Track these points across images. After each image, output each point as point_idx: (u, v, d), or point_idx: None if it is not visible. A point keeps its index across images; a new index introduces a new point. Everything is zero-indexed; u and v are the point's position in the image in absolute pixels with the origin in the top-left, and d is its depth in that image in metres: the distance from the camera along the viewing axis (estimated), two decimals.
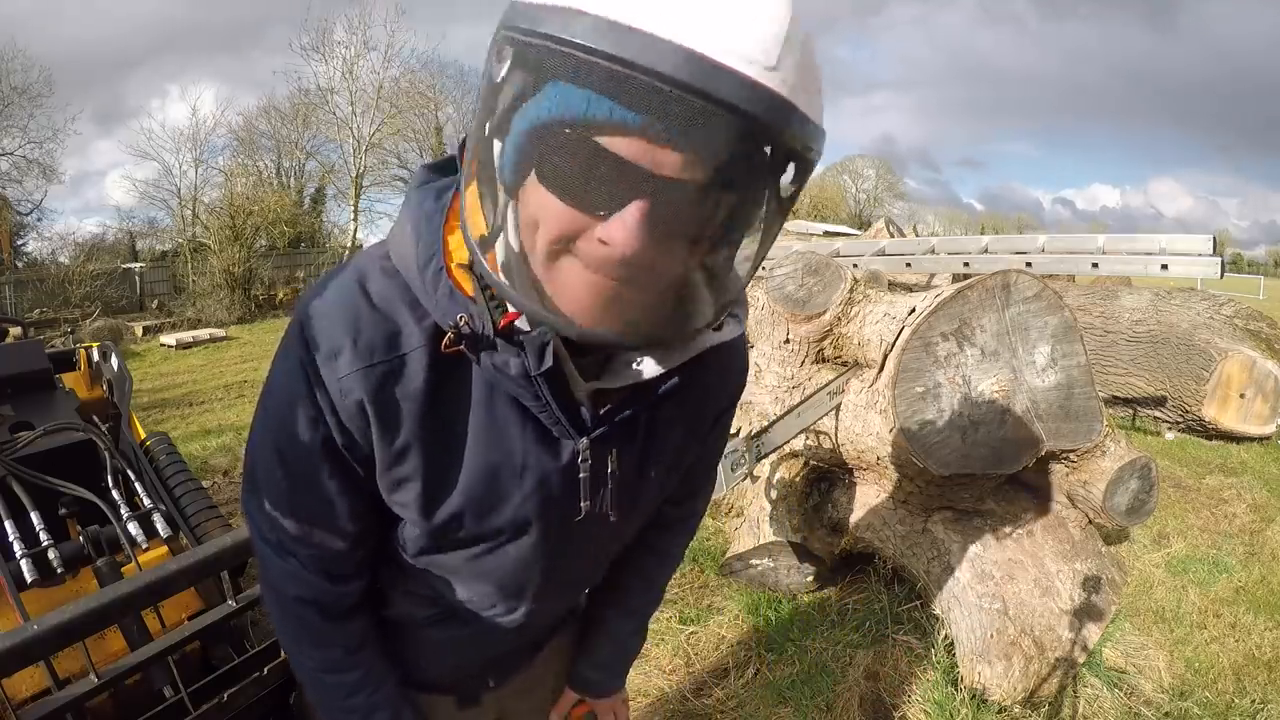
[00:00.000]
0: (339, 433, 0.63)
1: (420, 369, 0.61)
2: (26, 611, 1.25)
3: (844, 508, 2.45)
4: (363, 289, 0.61)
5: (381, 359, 0.60)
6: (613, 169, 0.44)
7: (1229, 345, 4.06)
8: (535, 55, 0.43)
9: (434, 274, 0.58)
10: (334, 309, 0.61)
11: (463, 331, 0.56)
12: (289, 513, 0.67)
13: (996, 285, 2.03)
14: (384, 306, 0.60)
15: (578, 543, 0.74)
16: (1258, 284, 23.70)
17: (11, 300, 13.32)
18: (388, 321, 0.60)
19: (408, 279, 0.60)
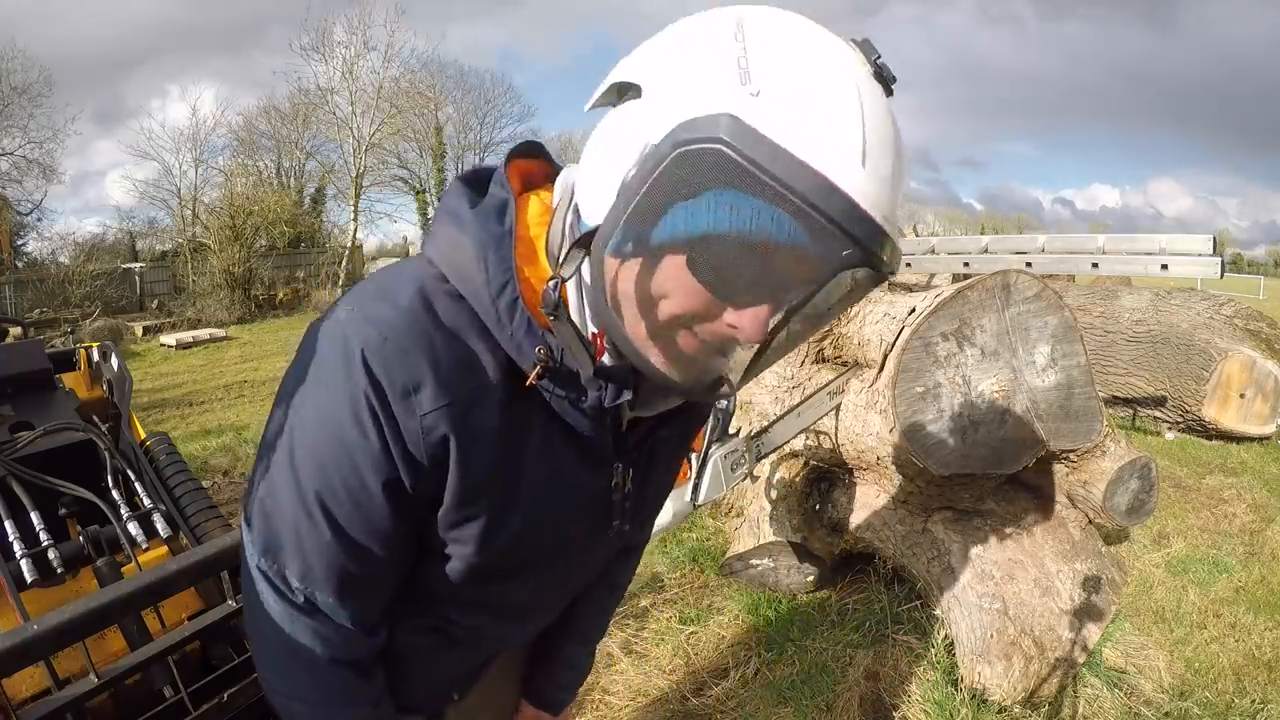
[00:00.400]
0: (409, 473, 0.57)
1: (495, 401, 0.58)
2: (26, 611, 1.25)
3: (844, 508, 2.45)
4: (433, 313, 0.56)
5: (465, 392, 0.56)
6: (764, 276, 0.49)
7: (1229, 345, 4.06)
8: (741, 175, 0.44)
9: (509, 304, 0.56)
10: (405, 336, 0.55)
11: (547, 365, 0.56)
12: (332, 568, 0.60)
13: (996, 285, 2.03)
14: (459, 334, 0.57)
15: (590, 561, 0.79)
16: (1258, 284, 23.69)
17: (11, 300, 13.33)
18: (464, 350, 0.57)
19: (475, 306, 0.57)
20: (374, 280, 0.61)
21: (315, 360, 0.58)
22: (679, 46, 0.50)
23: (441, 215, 0.61)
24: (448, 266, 0.58)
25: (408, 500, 0.59)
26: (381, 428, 0.55)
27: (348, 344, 0.55)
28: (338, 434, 0.56)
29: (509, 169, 0.62)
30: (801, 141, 0.44)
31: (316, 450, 0.57)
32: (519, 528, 0.65)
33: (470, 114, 24.44)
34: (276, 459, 0.59)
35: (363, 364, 0.54)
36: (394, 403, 0.55)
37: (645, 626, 2.33)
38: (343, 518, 0.58)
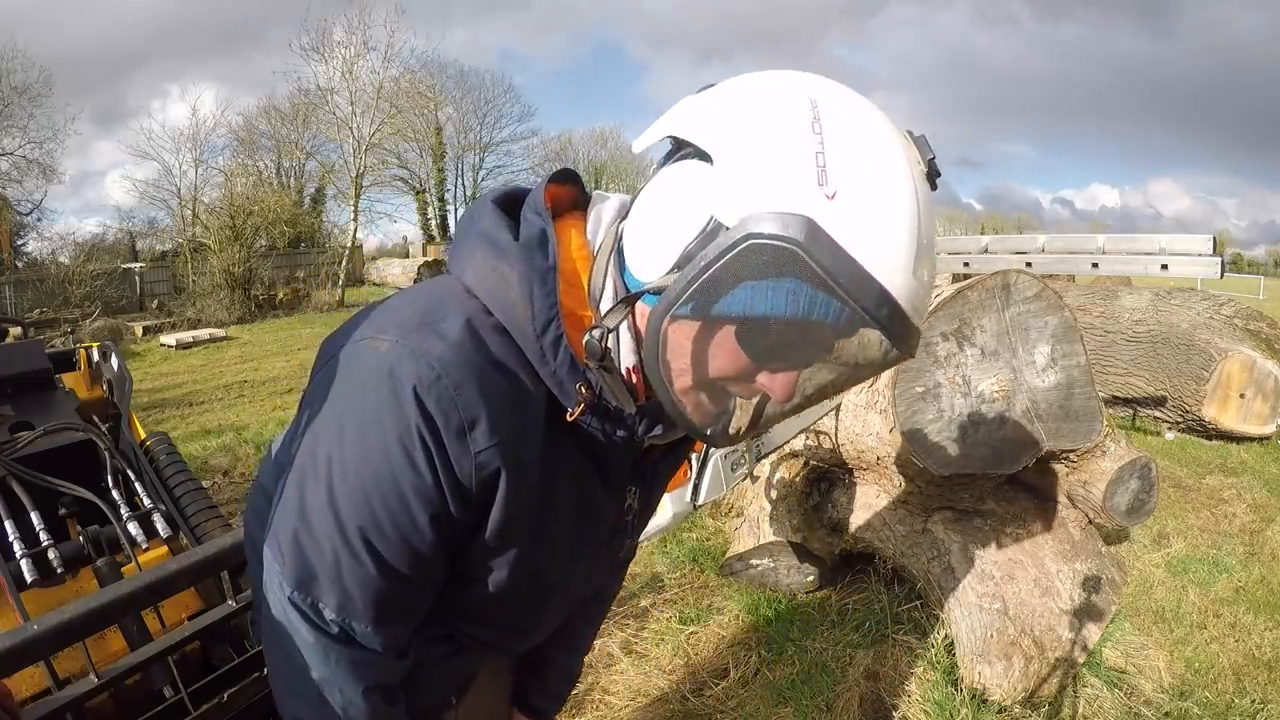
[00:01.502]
0: (458, 505, 0.58)
1: (538, 433, 0.60)
2: (26, 611, 1.25)
3: (844, 508, 2.45)
4: (483, 348, 0.57)
5: (515, 427, 0.58)
6: (806, 352, 0.53)
7: (1229, 345, 4.06)
8: (810, 276, 0.48)
9: (553, 341, 0.57)
10: (458, 372, 0.55)
11: (586, 402, 0.58)
12: (372, 598, 0.60)
13: (996, 285, 2.03)
14: (509, 369, 0.57)
15: (595, 578, 0.84)
16: (1258, 284, 23.69)
17: (11, 300, 13.32)
18: (513, 385, 0.58)
19: (520, 341, 0.57)
20: (409, 305, 0.60)
21: (355, 391, 0.57)
22: (755, 124, 0.50)
23: (477, 241, 0.61)
24: (491, 299, 0.58)
25: (452, 530, 0.60)
26: (434, 463, 0.55)
27: (396, 378, 0.54)
28: (386, 470, 0.55)
29: (546, 194, 0.62)
30: (867, 251, 0.48)
31: (362, 486, 0.56)
32: (550, 552, 0.68)
33: (470, 114, 24.48)
34: (311, 493, 0.58)
35: (415, 400, 0.54)
36: (449, 440, 0.55)
37: (645, 626, 2.33)
38: (387, 551, 0.58)
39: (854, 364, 0.53)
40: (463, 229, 0.64)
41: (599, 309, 0.59)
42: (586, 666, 2.12)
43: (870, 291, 0.48)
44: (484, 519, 0.61)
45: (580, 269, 0.60)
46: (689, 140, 0.52)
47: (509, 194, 0.64)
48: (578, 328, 0.58)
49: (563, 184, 0.66)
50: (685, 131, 0.53)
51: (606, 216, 0.63)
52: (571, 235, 0.62)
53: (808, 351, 0.53)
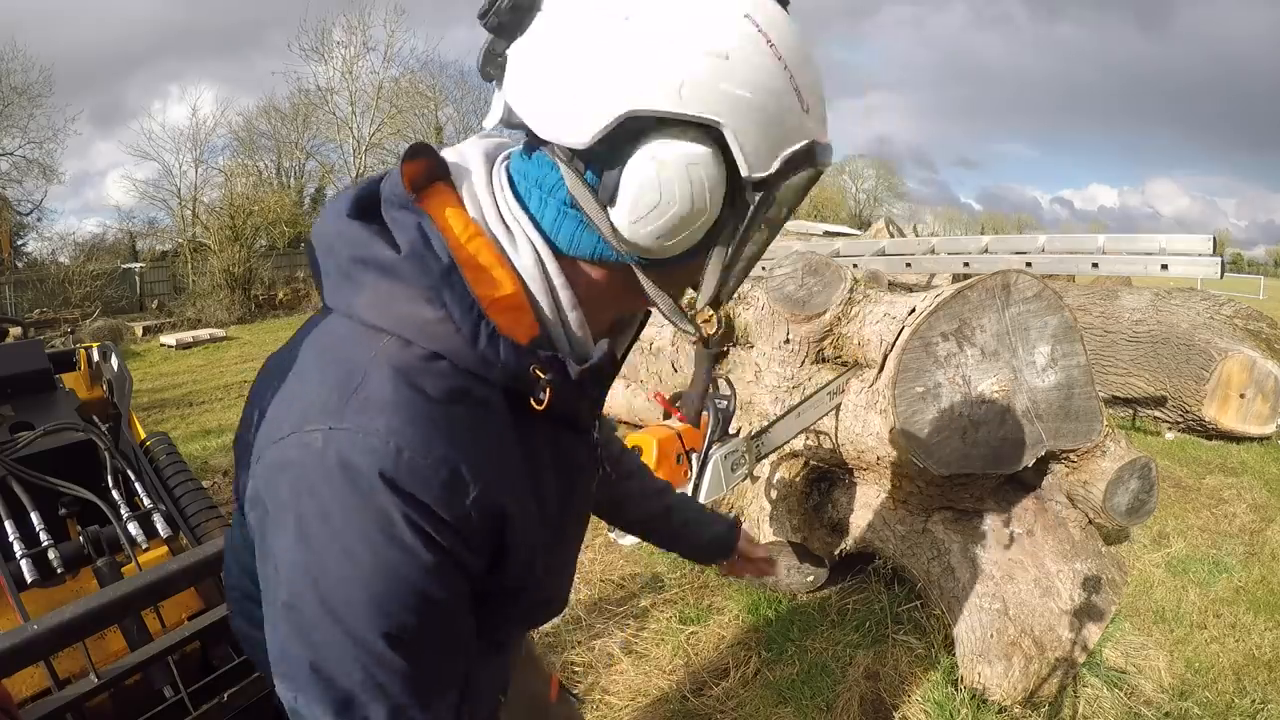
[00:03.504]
0: (476, 560, 0.55)
1: (511, 440, 0.57)
2: (26, 611, 1.25)
3: (844, 508, 2.45)
4: (423, 393, 0.52)
5: (493, 450, 0.55)
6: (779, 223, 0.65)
7: (1229, 345, 4.05)
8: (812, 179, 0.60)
9: (489, 340, 0.54)
10: (416, 435, 0.50)
11: (550, 380, 0.56)
12: (424, 688, 0.54)
13: (996, 285, 2.03)
14: (459, 398, 0.54)
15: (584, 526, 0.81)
16: (1258, 284, 23.70)
17: (11, 300, 13.32)
18: (470, 411, 0.54)
19: (455, 359, 0.54)
20: (319, 379, 0.54)
21: (310, 501, 0.50)
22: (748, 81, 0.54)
23: (355, 268, 0.55)
24: (404, 328, 0.53)
25: (472, 588, 0.57)
26: (433, 539, 0.51)
27: (352, 472, 0.49)
28: (384, 569, 0.50)
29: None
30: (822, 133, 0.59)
31: (369, 598, 0.50)
32: (559, 535, 0.67)
33: (470, 114, 24.40)
34: (313, 627, 0.51)
35: (386, 487, 0.49)
36: (439, 507, 0.51)
37: (645, 626, 2.33)
38: (419, 643, 0.53)
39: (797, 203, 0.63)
40: (328, 257, 0.57)
41: (520, 268, 0.57)
42: (586, 666, 2.12)
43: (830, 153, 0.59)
44: (503, 553, 0.58)
45: (477, 247, 0.57)
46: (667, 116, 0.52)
47: (360, 198, 0.58)
48: (504, 311, 0.55)
49: (414, 160, 0.60)
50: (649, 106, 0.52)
51: (477, 177, 0.60)
52: (449, 217, 0.58)
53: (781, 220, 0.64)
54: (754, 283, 2.85)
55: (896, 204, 46.39)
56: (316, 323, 0.61)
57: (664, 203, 0.53)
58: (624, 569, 2.69)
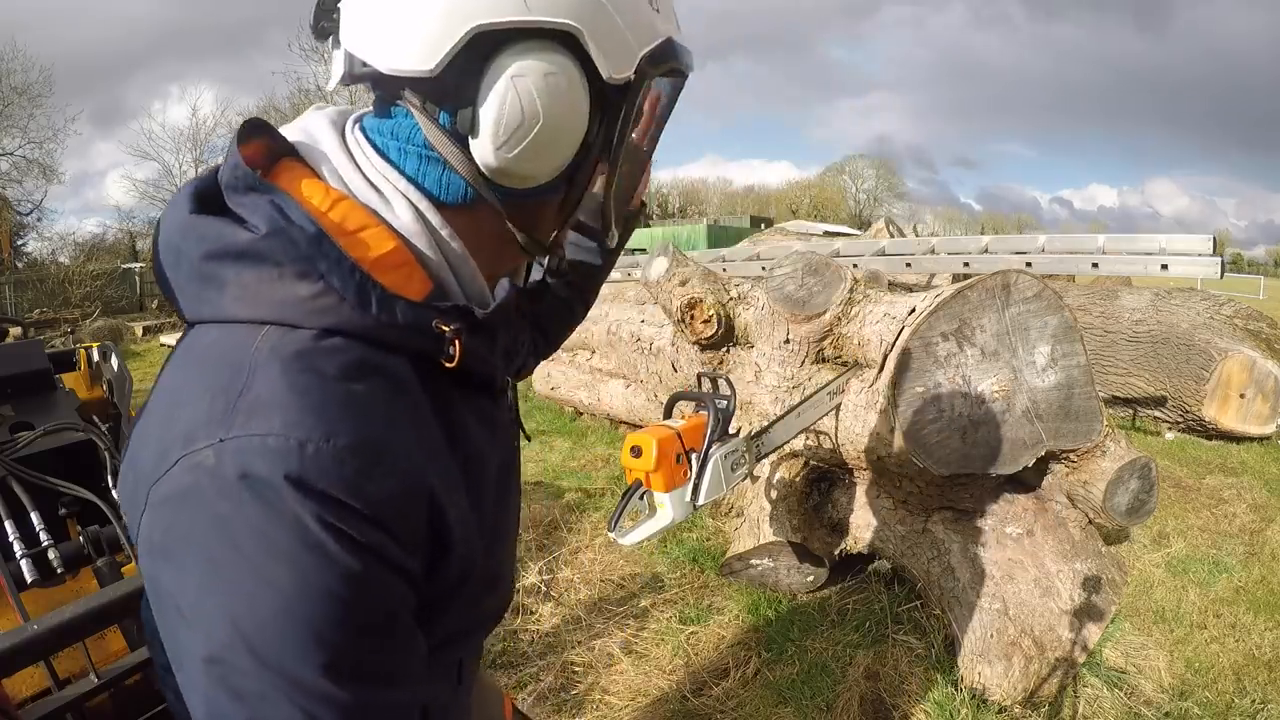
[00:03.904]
0: (413, 553, 0.48)
1: (432, 409, 0.52)
2: (26, 611, 1.25)
3: (844, 508, 2.45)
4: (321, 375, 0.46)
5: (409, 428, 0.49)
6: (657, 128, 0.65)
7: (1229, 345, 4.05)
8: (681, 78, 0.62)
9: (381, 302, 0.48)
10: (319, 423, 0.44)
11: (451, 332, 0.51)
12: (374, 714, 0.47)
13: (996, 285, 2.03)
14: (360, 374, 0.48)
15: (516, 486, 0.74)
16: (1258, 284, 23.71)
17: (11, 300, 13.33)
18: (378, 384, 0.48)
19: (347, 327, 0.48)
20: (197, 394, 0.46)
21: (209, 529, 0.43)
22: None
23: (212, 264, 0.48)
24: (285, 311, 0.47)
25: (410, 593, 0.49)
26: (357, 541, 0.44)
27: (252, 481, 0.42)
28: (306, 587, 0.42)
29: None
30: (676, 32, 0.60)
31: (295, 626, 0.42)
32: (501, 510, 0.63)
33: None
34: (232, 680, 0.43)
35: (294, 490, 0.42)
36: (355, 502, 0.44)
37: (645, 626, 2.33)
38: (364, 670, 0.46)
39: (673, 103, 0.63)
40: (177, 267, 0.51)
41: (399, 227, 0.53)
42: (586, 666, 2.12)
43: (690, 54, 0.60)
44: (443, 546, 0.51)
45: (343, 212, 0.51)
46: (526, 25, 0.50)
47: (200, 192, 0.52)
48: (389, 270, 0.51)
49: (251, 139, 0.55)
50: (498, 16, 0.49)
51: (329, 145, 0.55)
52: (305, 188, 0.52)
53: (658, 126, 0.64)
54: (754, 283, 2.85)
55: (896, 204, 46.42)
56: (180, 345, 0.54)
57: (527, 121, 0.51)
58: (624, 569, 2.69)
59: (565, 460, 3.93)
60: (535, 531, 2.95)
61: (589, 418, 4.51)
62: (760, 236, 7.79)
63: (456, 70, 0.50)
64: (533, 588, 2.53)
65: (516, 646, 2.22)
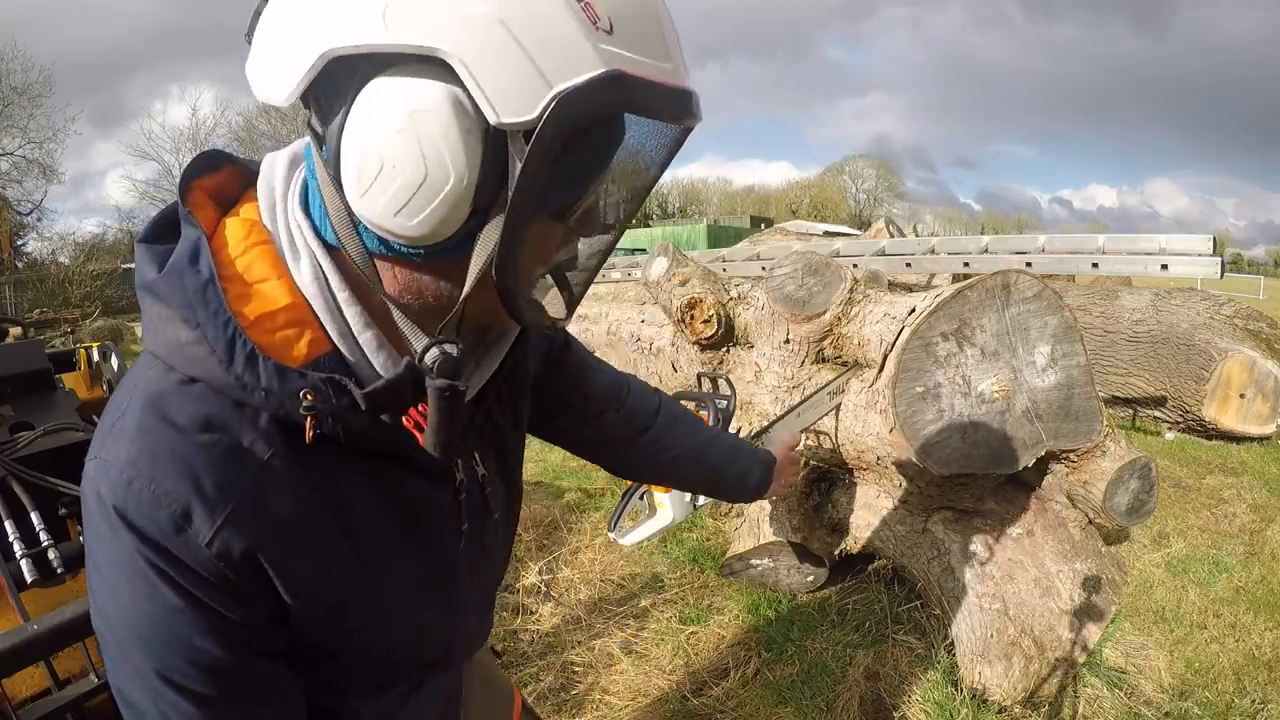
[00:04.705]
0: (235, 609, 0.49)
1: (285, 477, 0.49)
2: (26, 611, 1.25)
3: (844, 508, 2.45)
4: (168, 420, 0.47)
5: (244, 488, 0.48)
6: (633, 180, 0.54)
7: (1229, 345, 4.05)
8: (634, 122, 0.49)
9: (246, 361, 0.47)
10: (146, 466, 0.46)
11: (319, 406, 0.48)
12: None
13: (996, 285, 2.03)
14: (208, 426, 0.47)
15: (485, 558, 0.71)
16: (1258, 284, 23.72)
17: (11, 300, 13.34)
18: (219, 440, 0.47)
19: (211, 380, 0.47)
20: (109, 409, 0.51)
21: (89, 530, 0.49)
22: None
23: (140, 293, 0.50)
24: (167, 351, 0.48)
25: (251, 636, 0.51)
26: (175, 581, 0.47)
27: (102, 503, 0.47)
28: (139, 607, 0.48)
29: (193, 197, 0.53)
30: (656, 69, 0.45)
31: (133, 631, 0.49)
32: (392, 595, 0.59)
33: None
34: (108, 649, 0.51)
35: (121, 521, 0.46)
36: (171, 545, 0.46)
37: (645, 626, 2.33)
38: (197, 685, 0.49)
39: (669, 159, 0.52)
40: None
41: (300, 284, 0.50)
42: (586, 666, 2.12)
43: (682, 100, 0.46)
44: (282, 605, 0.52)
45: (252, 259, 0.50)
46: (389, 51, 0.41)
47: (164, 217, 0.53)
48: (276, 329, 0.49)
49: (219, 170, 0.55)
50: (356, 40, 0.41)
51: (278, 180, 0.54)
52: (230, 228, 0.52)
53: (635, 177, 0.52)
54: (754, 283, 2.85)
55: (896, 204, 46.44)
56: None
57: (387, 168, 0.43)
58: (624, 569, 2.69)
59: (565, 460, 3.93)
60: (535, 531, 2.96)
61: None
62: (760, 236, 7.79)
63: (322, 102, 0.45)
64: (533, 588, 2.53)
65: (516, 646, 2.22)
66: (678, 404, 1.01)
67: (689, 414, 1.01)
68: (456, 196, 0.44)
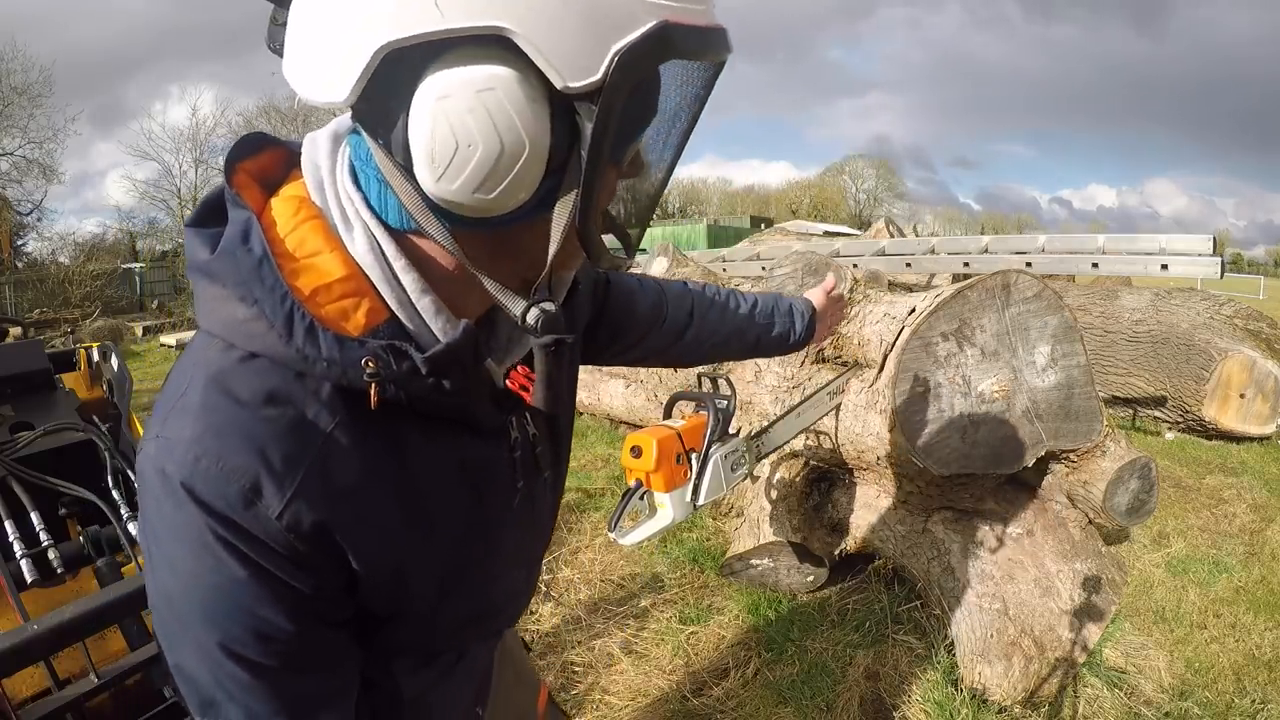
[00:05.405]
0: (304, 580, 0.50)
1: (349, 445, 0.51)
2: (26, 611, 1.25)
3: (844, 508, 2.45)
4: (232, 396, 0.48)
5: (310, 460, 0.49)
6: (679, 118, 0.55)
7: (1229, 345, 4.05)
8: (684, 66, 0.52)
9: (306, 334, 0.48)
10: (213, 442, 0.47)
11: (381, 373, 0.49)
12: (273, 702, 0.53)
13: (996, 285, 2.03)
14: (271, 400, 0.49)
15: (533, 521, 0.73)
16: (1258, 284, 23.72)
17: (11, 300, 13.34)
18: (284, 413, 0.49)
19: (272, 354, 0.48)
20: (167, 388, 0.52)
21: (151, 508, 0.50)
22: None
23: (192, 275, 0.52)
24: (226, 331, 0.49)
25: (318, 605, 0.52)
26: (243, 554, 0.48)
27: (167, 480, 0.47)
28: (204, 580, 0.49)
29: (237, 179, 0.54)
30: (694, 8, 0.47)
31: (197, 604, 0.50)
32: (452, 551, 0.60)
33: None
34: (166, 625, 0.52)
35: (189, 497, 0.47)
36: (241, 521, 0.47)
37: (645, 626, 2.33)
38: (259, 655, 0.51)
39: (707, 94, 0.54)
40: None
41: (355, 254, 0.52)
42: (586, 666, 2.12)
43: (721, 38, 0.49)
44: (351, 571, 0.53)
45: (304, 235, 0.51)
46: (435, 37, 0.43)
47: (208, 201, 0.54)
48: (333, 300, 0.50)
49: (262, 151, 0.56)
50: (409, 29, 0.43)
51: (322, 159, 0.54)
52: (277, 206, 0.53)
53: (682, 115, 0.54)
54: (754, 283, 2.85)
55: (896, 204, 46.45)
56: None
57: (463, 148, 0.44)
58: (624, 569, 2.69)
59: None
60: None
61: (589, 417, 4.51)
62: (760, 236, 7.79)
63: (380, 96, 0.46)
64: None
65: None
66: (709, 292, 1.05)
67: (721, 297, 1.06)
68: (532, 163, 0.46)
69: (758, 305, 1.10)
